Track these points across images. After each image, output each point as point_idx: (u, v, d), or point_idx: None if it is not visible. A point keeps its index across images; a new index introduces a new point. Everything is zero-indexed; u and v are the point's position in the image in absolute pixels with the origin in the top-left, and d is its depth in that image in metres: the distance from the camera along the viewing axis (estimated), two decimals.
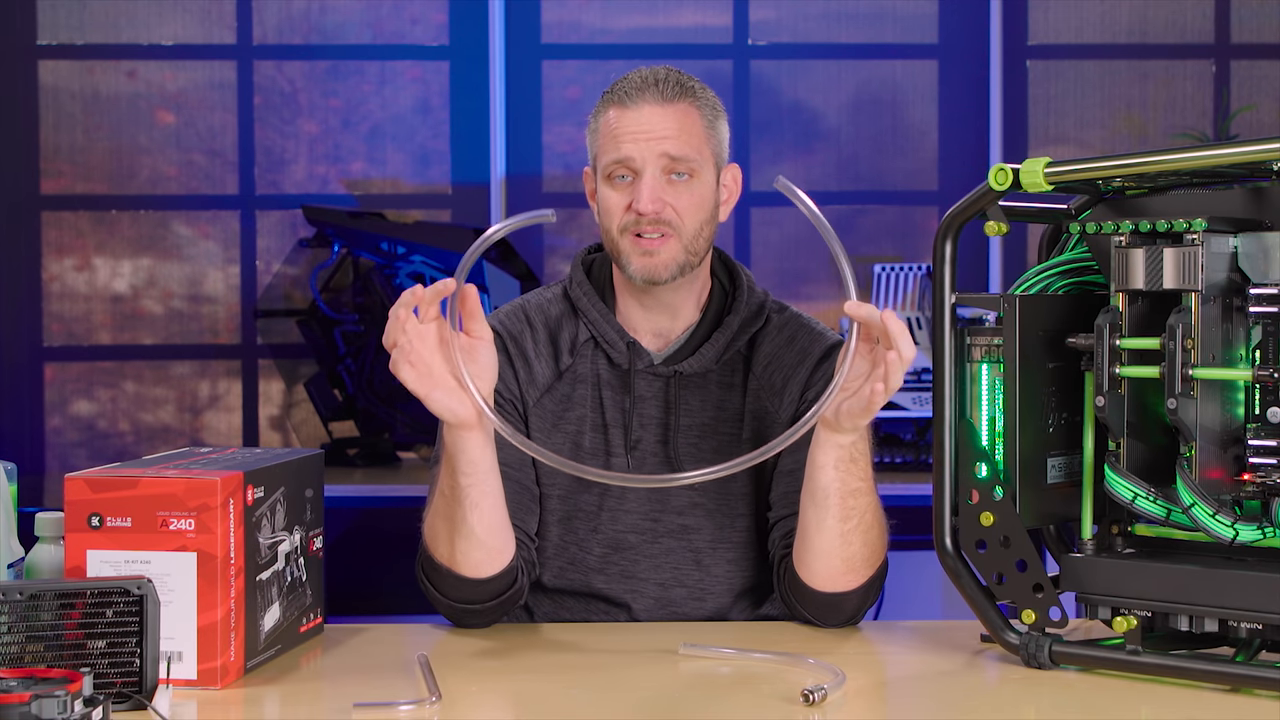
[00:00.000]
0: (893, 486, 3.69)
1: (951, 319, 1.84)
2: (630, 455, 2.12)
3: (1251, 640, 1.73)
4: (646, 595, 2.12)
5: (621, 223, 2.07)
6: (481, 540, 1.94)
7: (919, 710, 1.76)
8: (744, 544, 2.13)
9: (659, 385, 2.13)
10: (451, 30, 4.61)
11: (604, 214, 2.09)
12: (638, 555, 2.12)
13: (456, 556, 1.96)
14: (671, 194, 2.06)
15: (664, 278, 2.07)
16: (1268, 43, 4.67)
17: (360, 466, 4.14)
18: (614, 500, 2.11)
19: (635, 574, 2.12)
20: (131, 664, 1.61)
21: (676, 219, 2.06)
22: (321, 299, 4.18)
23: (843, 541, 1.96)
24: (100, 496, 1.70)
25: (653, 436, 2.13)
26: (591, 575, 2.12)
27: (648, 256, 2.06)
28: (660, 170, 2.05)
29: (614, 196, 2.07)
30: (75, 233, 4.63)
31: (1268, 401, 1.72)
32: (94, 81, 4.61)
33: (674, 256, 2.07)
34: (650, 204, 2.04)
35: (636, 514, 2.12)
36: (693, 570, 2.12)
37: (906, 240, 4.64)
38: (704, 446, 2.13)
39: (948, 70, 4.64)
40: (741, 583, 2.14)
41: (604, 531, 2.12)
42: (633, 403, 2.12)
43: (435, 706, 1.66)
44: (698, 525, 2.12)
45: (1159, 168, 1.75)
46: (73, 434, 4.63)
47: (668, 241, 2.06)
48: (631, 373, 2.12)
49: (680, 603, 2.12)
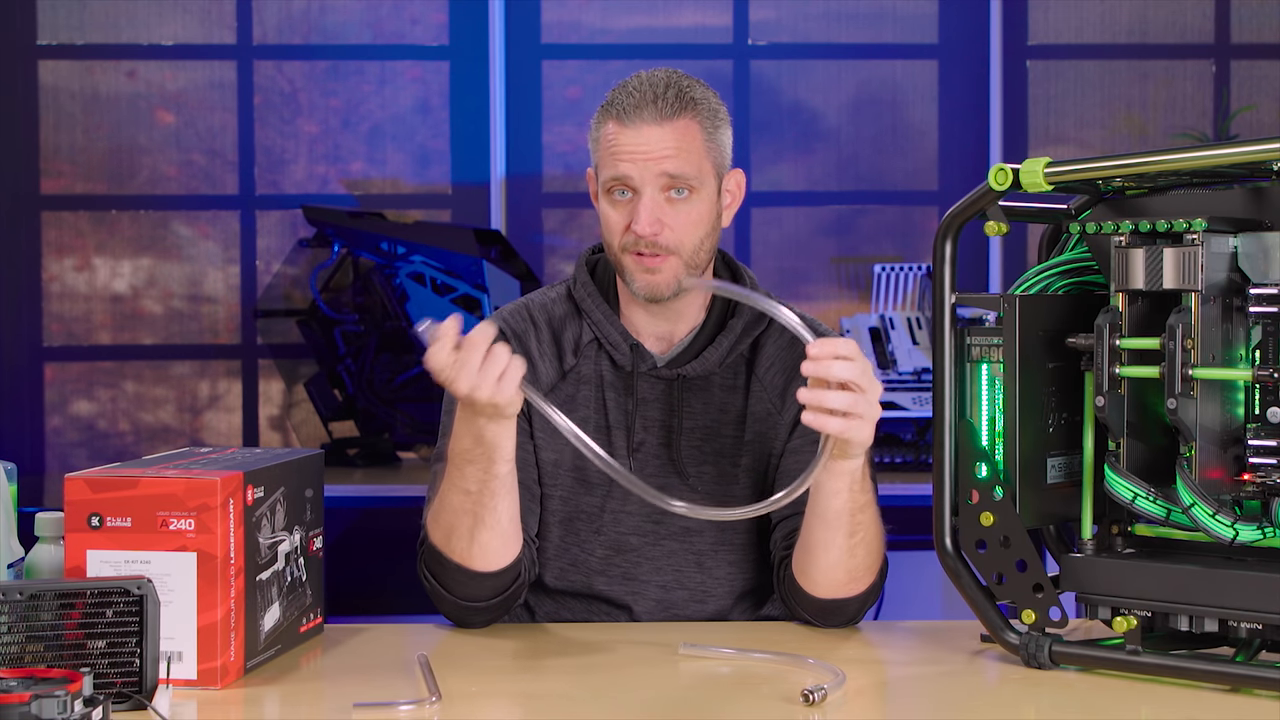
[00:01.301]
0: (893, 486, 3.68)
1: (951, 319, 1.84)
2: (632, 458, 2.11)
3: (1251, 640, 1.73)
4: (648, 597, 2.12)
5: (622, 242, 2.06)
6: (504, 529, 1.94)
7: (919, 710, 1.76)
8: (745, 545, 2.13)
9: (662, 388, 2.13)
10: (451, 30, 4.61)
11: (605, 229, 2.09)
12: (639, 557, 2.12)
13: (475, 550, 1.95)
14: (670, 213, 2.04)
15: (666, 295, 2.07)
16: (1268, 43, 4.67)
17: (360, 466, 4.14)
18: (616, 503, 2.11)
19: (637, 576, 2.12)
20: (131, 664, 1.61)
21: (675, 240, 2.04)
22: (321, 299, 4.18)
23: (849, 555, 1.96)
24: (100, 496, 1.70)
25: (655, 439, 2.12)
26: (593, 577, 2.12)
27: (650, 274, 2.06)
28: (659, 189, 2.04)
29: (614, 215, 2.06)
30: (75, 233, 4.63)
31: (1268, 401, 1.72)
32: (94, 81, 4.61)
33: (675, 274, 2.06)
34: (649, 226, 2.03)
35: (638, 516, 2.12)
36: (694, 573, 2.12)
37: (906, 240, 4.64)
38: (707, 449, 2.12)
39: (948, 70, 4.64)
40: (743, 584, 2.14)
41: (606, 533, 2.11)
42: (635, 405, 2.12)
43: (435, 706, 1.66)
44: (700, 528, 2.11)
45: (1159, 168, 1.75)
46: (73, 434, 4.63)
47: (668, 260, 2.05)
48: (635, 375, 2.12)
49: (682, 605, 2.12)
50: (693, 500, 2.11)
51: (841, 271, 4.60)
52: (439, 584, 2.00)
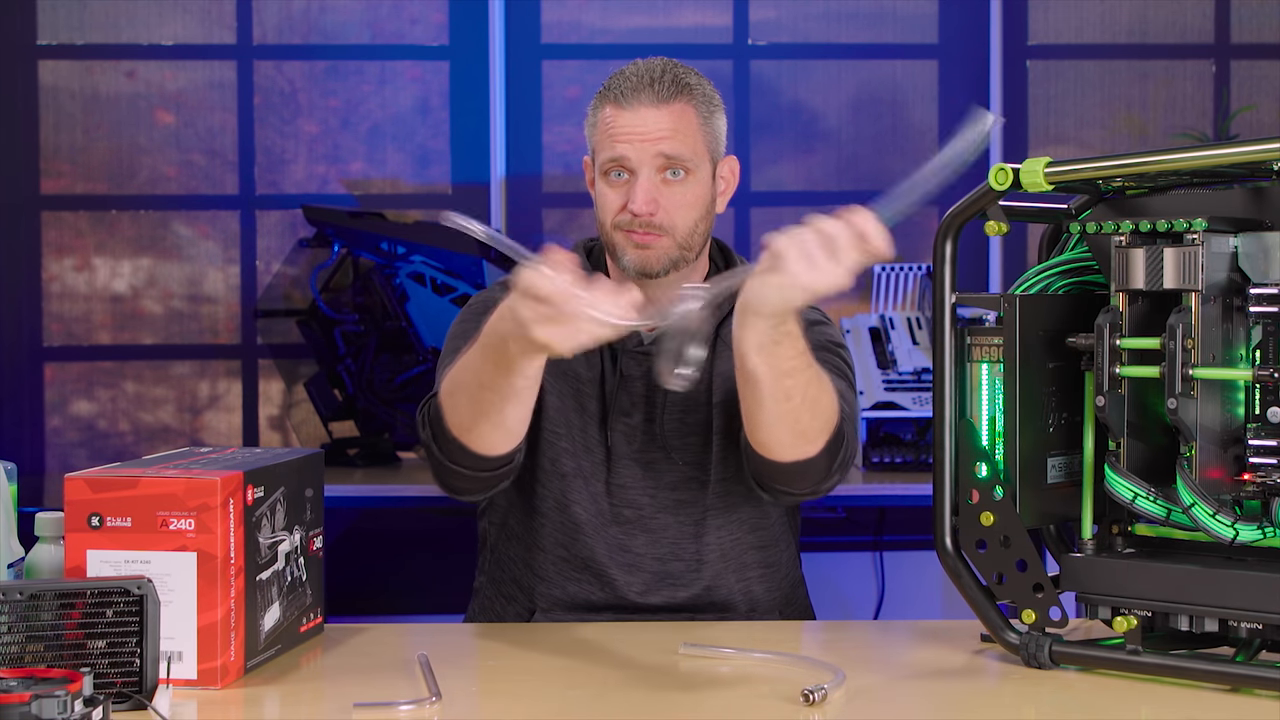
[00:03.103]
0: (892, 486, 3.69)
1: (951, 319, 1.84)
2: (617, 433, 2.14)
3: (1251, 640, 1.73)
4: (644, 570, 2.14)
5: (616, 220, 2.11)
6: (510, 429, 1.94)
7: (919, 710, 1.76)
8: (740, 522, 2.15)
9: (647, 365, 2.16)
10: (451, 30, 4.61)
11: (600, 209, 2.14)
12: (636, 529, 2.14)
13: (474, 435, 1.94)
14: (666, 194, 2.09)
15: (656, 270, 2.11)
16: (1268, 43, 4.67)
17: (360, 466, 4.13)
18: (614, 475, 2.15)
19: (632, 548, 2.14)
20: (131, 664, 1.61)
21: (669, 221, 2.09)
22: (321, 299, 4.18)
23: (790, 418, 1.91)
24: (100, 496, 1.70)
25: (640, 415, 2.16)
26: (593, 547, 2.14)
27: (641, 250, 2.10)
28: (655, 170, 2.09)
29: (610, 194, 2.12)
30: (75, 233, 4.63)
31: (1268, 401, 1.72)
32: (94, 81, 4.61)
33: (667, 252, 2.11)
34: (644, 205, 2.08)
35: (633, 489, 2.15)
36: (690, 543, 2.14)
37: (906, 240, 4.64)
38: (689, 420, 2.16)
39: (948, 70, 4.64)
40: (735, 550, 2.16)
41: (600, 503, 2.14)
42: (620, 380, 2.15)
43: (435, 706, 1.66)
44: (694, 499, 2.14)
45: (1159, 168, 1.75)
46: (73, 434, 4.63)
47: (661, 239, 2.10)
48: (620, 352, 2.15)
49: (678, 576, 2.15)
50: (683, 472, 2.13)
51: None
52: (437, 448, 1.99)
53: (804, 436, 1.94)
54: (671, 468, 2.15)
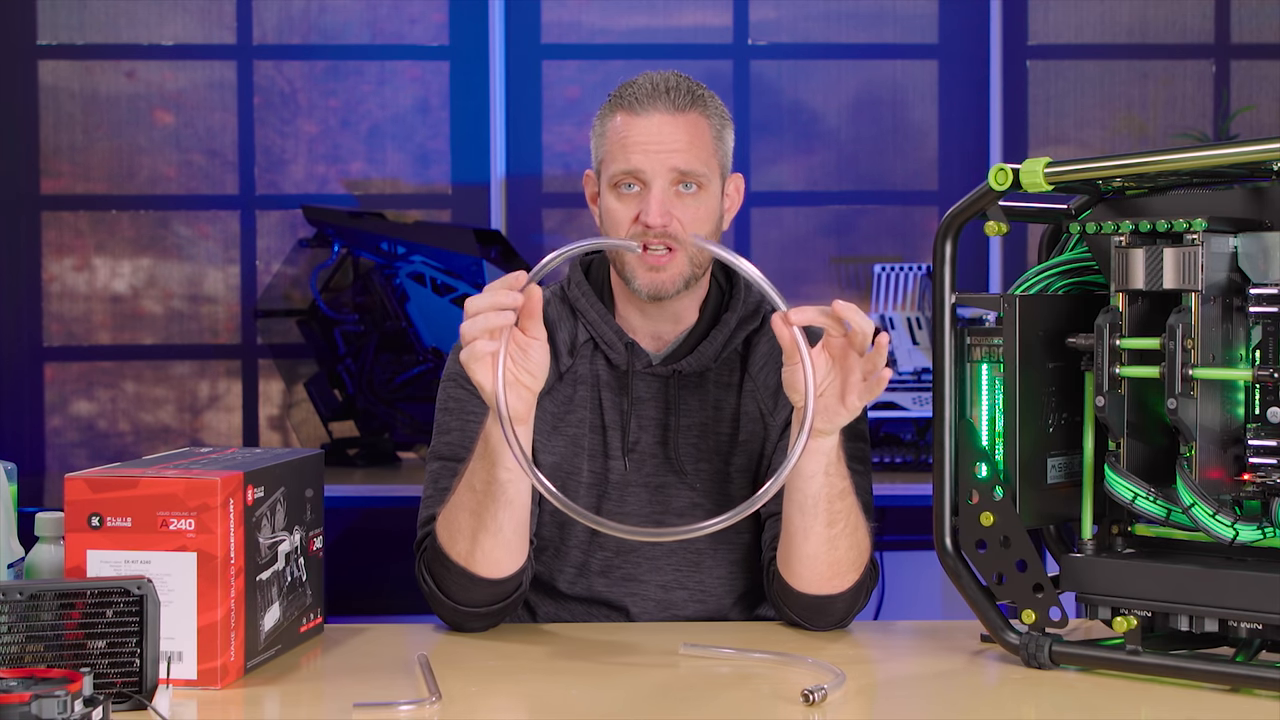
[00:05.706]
0: (893, 486, 3.69)
1: (951, 319, 1.84)
2: (628, 458, 2.11)
3: (1251, 640, 1.73)
4: (648, 598, 2.12)
5: (627, 235, 2.04)
6: (508, 540, 1.93)
7: (919, 710, 1.76)
8: (744, 545, 2.13)
9: (658, 386, 2.13)
10: (451, 30, 4.61)
11: (608, 224, 2.06)
12: (639, 558, 2.12)
13: (477, 555, 1.93)
14: (679, 207, 2.04)
15: (670, 293, 2.06)
16: (1268, 43, 4.67)
17: (360, 466, 4.14)
18: (613, 504, 2.11)
19: (636, 576, 2.12)
20: (131, 664, 1.61)
21: (683, 233, 2.03)
22: (321, 299, 4.18)
23: (830, 546, 1.94)
24: (100, 496, 1.70)
25: (652, 438, 2.12)
26: (593, 579, 2.12)
27: (654, 273, 2.05)
28: (669, 183, 2.03)
29: (620, 208, 2.05)
30: (75, 233, 4.63)
31: (1268, 401, 1.72)
32: (94, 81, 4.61)
33: (680, 271, 2.05)
34: (659, 218, 2.02)
35: (637, 517, 2.11)
36: (693, 572, 2.12)
37: (906, 240, 4.64)
38: (703, 446, 2.12)
39: (948, 70, 4.64)
40: (743, 584, 2.14)
41: (604, 536, 2.11)
42: (631, 404, 2.12)
43: (435, 706, 1.66)
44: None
45: (1159, 168, 1.75)
46: (73, 434, 4.63)
47: (674, 256, 2.04)
48: (630, 374, 2.12)
49: (681, 605, 2.12)
50: (690, 499, 2.11)
51: (841, 271, 4.61)
52: (438, 588, 1.99)
53: (836, 569, 1.96)
54: (682, 492, 2.11)
